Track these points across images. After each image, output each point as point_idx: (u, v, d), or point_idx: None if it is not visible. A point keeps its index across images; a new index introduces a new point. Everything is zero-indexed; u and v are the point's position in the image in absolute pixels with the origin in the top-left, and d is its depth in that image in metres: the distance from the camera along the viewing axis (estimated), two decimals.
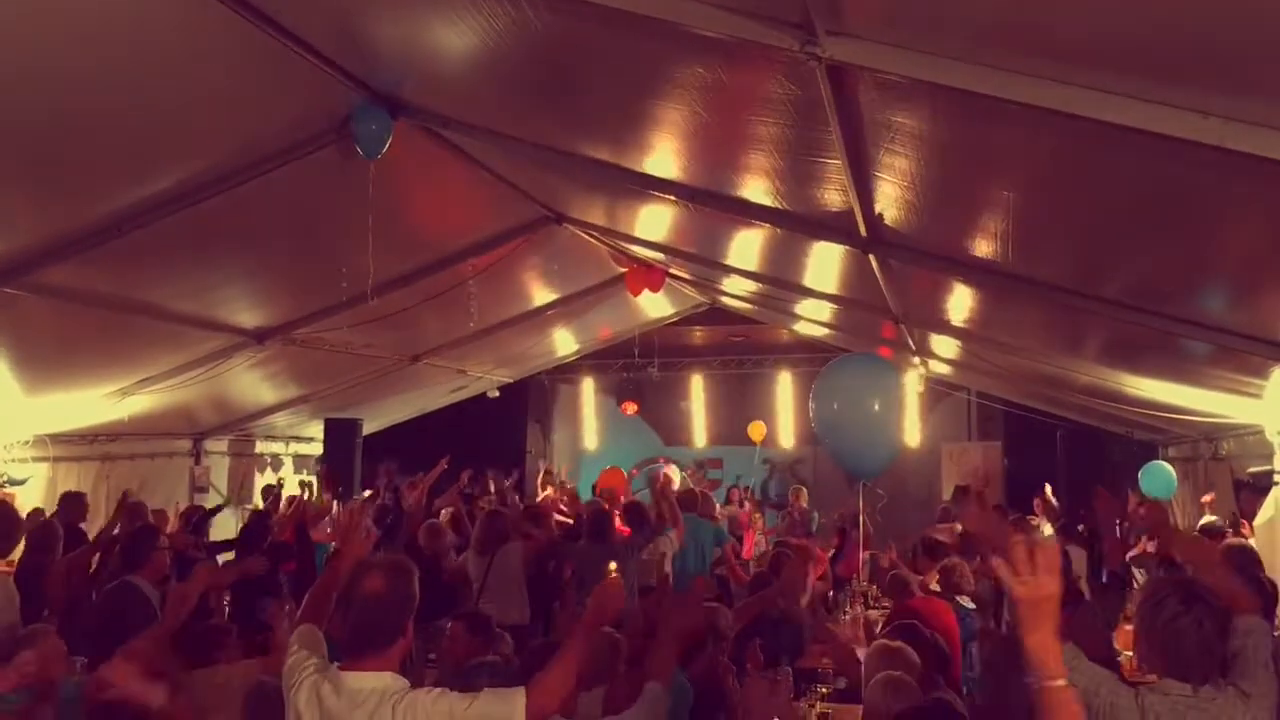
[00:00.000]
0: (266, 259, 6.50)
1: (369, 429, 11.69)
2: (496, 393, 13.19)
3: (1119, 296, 4.66)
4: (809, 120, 3.45)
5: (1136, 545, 6.79)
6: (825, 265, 6.44)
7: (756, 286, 8.72)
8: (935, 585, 6.46)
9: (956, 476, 12.93)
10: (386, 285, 6.90)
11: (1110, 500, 5.08)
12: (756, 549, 10.78)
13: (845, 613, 7.23)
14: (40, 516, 6.73)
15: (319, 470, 9.82)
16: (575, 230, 7.57)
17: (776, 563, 6.67)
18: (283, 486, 10.24)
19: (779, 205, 4.90)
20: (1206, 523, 7.72)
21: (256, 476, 11.07)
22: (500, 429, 14.16)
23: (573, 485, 12.30)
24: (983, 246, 4.52)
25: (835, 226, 4.92)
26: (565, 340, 12.47)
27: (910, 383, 11.65)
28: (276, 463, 11.66)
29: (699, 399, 15.29)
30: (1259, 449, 7.04)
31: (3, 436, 7.30)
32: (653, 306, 11.47)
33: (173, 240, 5.38)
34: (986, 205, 4.07)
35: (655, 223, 6.91)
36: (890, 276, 5.78)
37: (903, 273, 5.69)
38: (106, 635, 4.30)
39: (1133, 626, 3.14)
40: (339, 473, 10.28)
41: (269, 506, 9.21)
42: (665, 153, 4.76)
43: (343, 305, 7.16)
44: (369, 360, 9.42)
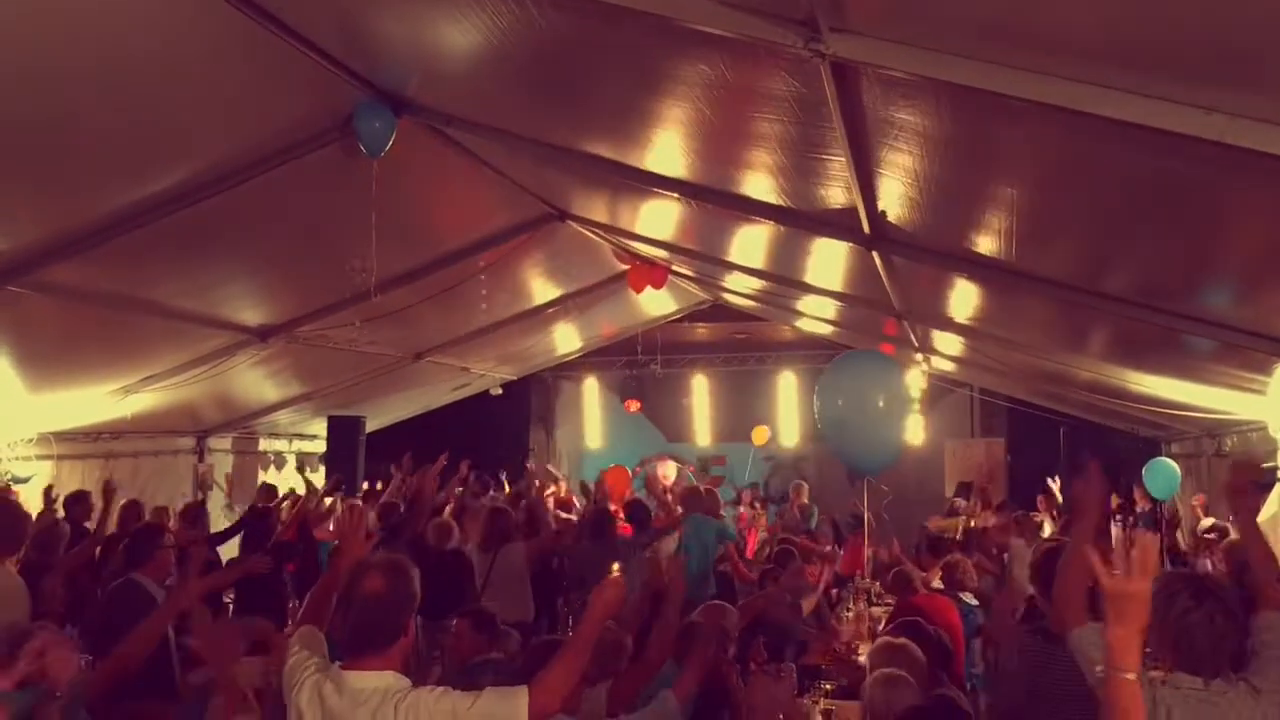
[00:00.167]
0: (270, 257, 6.50)
1: (372, 426, 11.70)
2: (499, 390, 13.18)
3: (1122, 293, 4.65)
4: (812, 117, 3.44)
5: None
6: (828, 262, 6.43)
7: (759, 283, 8.71)
8: (938, 582, 6.47)
9: (959, 473, 12.94)
10: (389, 282, 6.90)
11: (1096, 480, 5.03)
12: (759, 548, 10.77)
13: (848, 609, 7.23)
14: (50, 518, 6.72)
15: (330, 483, 9.78)
16: (578, 227, 7.57)
17: (782, 559, 6.68)
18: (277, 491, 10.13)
19: (782, 202, 4.89)
20: (1207, 525, 7.71)
21: (259, 474, 11.09)
22: (503, 426, 14.15)
23: (567, 484, 12.29)
24: (986, 243, 4.51)
25: (839, 223, 4.91)
26: (568, 338, 12.45)
27: (914, 379, 11.63)
28: (280, 460, 11.68)
29: (702, 396, 15.26)
30: (1262, 445, 7.04)
31: (6, 434, 7.30)
32: (655, 304, 11.45)
33: (176, 238, 5.38)
34: (989, 202, 4.07)
35: (658, 220, 6.90)
36: (893, 273, 5.78)
37: (906, 269, 5.68)
38: (109, 634, 4.28)
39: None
40: (343, 476, 10.26)
41: (263, 498, 9.05)
42: (669, 150, 4.75)
43: (346, 302, 7.16)
44: (372, 358, 9.42)
